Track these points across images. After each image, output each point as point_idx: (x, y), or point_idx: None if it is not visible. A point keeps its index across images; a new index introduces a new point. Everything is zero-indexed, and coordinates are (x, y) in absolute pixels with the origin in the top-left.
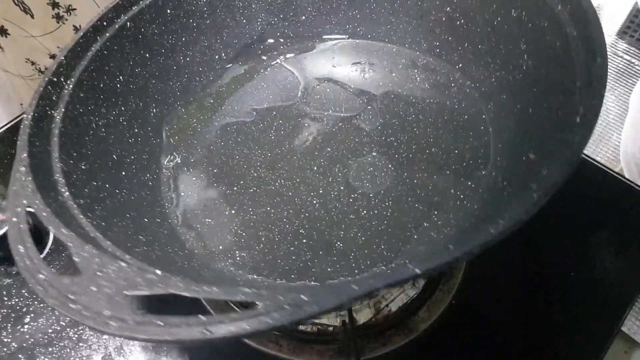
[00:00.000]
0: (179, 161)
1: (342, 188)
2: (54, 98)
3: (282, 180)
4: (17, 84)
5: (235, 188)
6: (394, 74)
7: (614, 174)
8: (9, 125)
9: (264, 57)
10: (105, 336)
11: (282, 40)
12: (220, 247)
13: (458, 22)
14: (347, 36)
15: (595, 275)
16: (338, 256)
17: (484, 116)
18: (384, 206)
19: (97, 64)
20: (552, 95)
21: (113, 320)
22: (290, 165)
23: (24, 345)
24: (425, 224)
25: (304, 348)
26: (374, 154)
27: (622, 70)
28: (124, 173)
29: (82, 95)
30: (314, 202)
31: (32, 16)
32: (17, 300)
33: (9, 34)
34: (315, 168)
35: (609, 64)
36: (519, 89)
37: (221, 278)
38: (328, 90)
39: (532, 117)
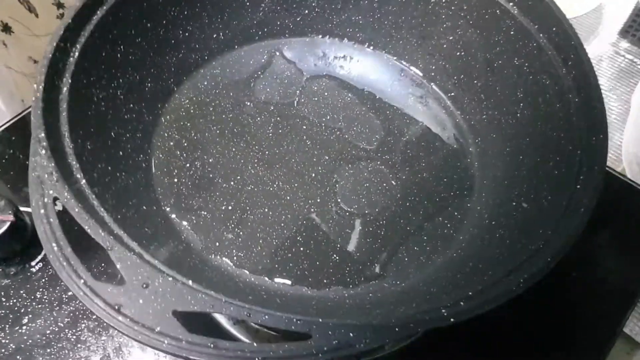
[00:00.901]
0: (172, 144)
1: (339, 200)
2: (60, 66)
3: (280, 183)
4: (19, 80)
5: (232, 183)
6: (389, 89)
7: (616, 174)
8: (12, 122)
9: (262, 44)
10: (103, 337)
11: (281, 30)
12: (217, 244)
13: (458, 53)
14: (346, 39)
15: (597, 276)
16: (334, 268)
17: (470, 149)
18: (379, 224)
19: (102, 30)
20: (547, 152)
21: (165, 337)
22: (288, 167)
23: (22, 346)
24: (415, 248)
25: None
26: (370, 169)
27: (624, 69)
28: (120, 153)
29: (86, 64)
30: (312, 210)
31: (36, 15)
32: (15, 301)
33: (13, 32)
34: (313, 175)
35: (610, 63)
36: (511, 134)
37: (223, 278)
38: (326, 93)
39: (522, 165)
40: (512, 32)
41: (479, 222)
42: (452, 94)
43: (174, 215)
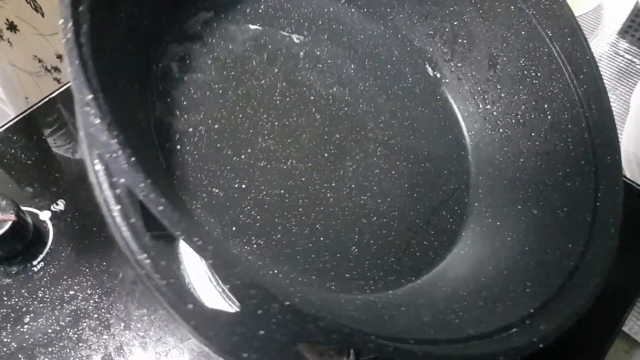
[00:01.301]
0: (169, 101)
1: (353, 186)
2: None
3: (294, 161)
4: (23, 78)
5: (243, 157)
6: (388, 66)
7: None
8: (13, 121)
9: None
10: (105, 336)
11: None
12: (234, 229)
13: (460, 40)
14: (343, 0)
15: None
16: (354, 262)
17: (464, 141)
18: (392, 215)
19: None
20: (554, 162)
21: None
22: (300, 144)
23: (24, 345)
24: (424, 242)
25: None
26: (378, 153)
27: (623, 69)
28: (125, 109)
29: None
30: (328, 195)
31: (42, 15)
32: (16, 300)
33: (18, 30)
34: (325, 155)
35: (609, 63)
36: (509, 134)
37: (245, 269)
38: (330, 61)
39: (524, 168)
40: (522, 32)
41: (480, 219)
42: (447, 80)
43: (183, 191)
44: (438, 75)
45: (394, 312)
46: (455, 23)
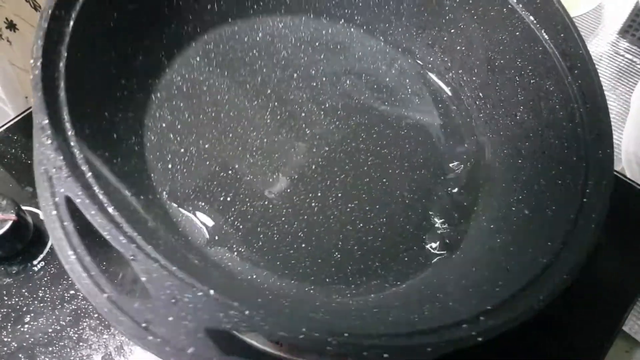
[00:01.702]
0: (164, 125)
1: (339, 195)
2: (55, 38)
3: (280, 174)
4: (23, 78)
5: (230, 172)
6: (387, 78)
7: (615, 174)
8: (14, 121)
9: (257, 19)
10: (105, 336)
11: (277, 5)
12: (216, 238)
13: (458, 47)
14: (342, 20)
15: (596, 275)
16: (336, 267)
17: (466, 146)
18: (379, 222)
19: None
20: (548, 160)
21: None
22: (287, 158)
23: (24, 344)
24: (414, 248)
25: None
26: (369, 162)
27: (624, 69)
28: (115, 135)
29: (81, 34)
30: (312, 204)
31: None
32: (17, 299)
33: (17, 29)
34: (313, 167)
35: (609, 62)
36: (509, 136)
37: (224, 277)
38: (324, 78)
39: (522, 169)
40: (517, 33)
41: (476, 224)
42: (449, 88)
43: (170, 206)
44: (439, 84)
45: (365, 314)
46: (452, 31)
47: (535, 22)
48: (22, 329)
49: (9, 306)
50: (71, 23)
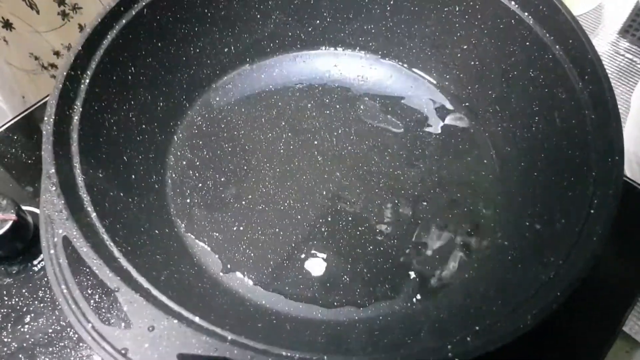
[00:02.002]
0: (185, 163)
1: (350, 219)
2: (71, 95)
3: (291, 201)
4: (19, 77)
5: (243, 203)
6: (403, 101)
7: None
8: (14, 121)
9: (274, 57)
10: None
11: (293, 42)
12: (229, 266)
13: (472, 63)
14: (358, 49)
15: (597, 275)
16: (344, 290)
17: (485, 161)
18: (390, 244)
19: (112, 54)
20: (562, 171)
21: None
22: (299, 185)
23: (24, 345)
24: (427, 267)
25: None
26: (381, 185)
27: (624, 69)
28: (133, 177)
29: (97, 90)
30: (323, 230)
31: (37, 12)
32: (17, 300)
33: (14, 28)
34: (324, 193)
35: (610, 62)
36: (526, 148)
37: (234, 303)
38: (338, 106)
39: (537, 182)
40: (527, 43)
41: (491, 239)
42: (467, 104)
43: (187, 237)
44: (455, 101)
45: (364, 336)
46: (465, 47)
47: (543, 30)
48: (22, 329)
49: (9, 306)
50: (87, 81)
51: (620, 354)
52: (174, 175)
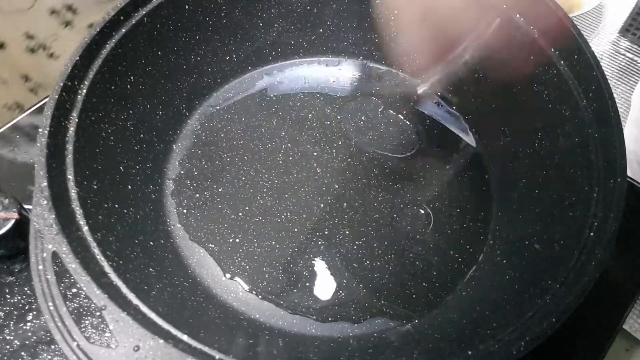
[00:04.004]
0: (182, 172)
1: (347, 232)
2: (67, 106)
3: (288, 214)
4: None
5: (240, 214)
6: (405, 111)
7: None
8: (15, 120)
9: (275, 65)
10: (107, 334)
11: (295, 50)
12: (223, 279)
13: (477, 75)
14: (361, 58)
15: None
16: (339, 305)
17: (486, 176)
18: (386, 259)
19: (111, 63)
20: (563, 190)
21: None
22: (297, 197)
23: (27, 342)
24: (424, 284)
25: None
26: (380, 198)
27: (624, 68)
28: (129, 187)
29: (94, 100)
30: (319, 243)
31: None
32: (19, 297)
33: None
34: (322, 206)
35: (610, 62)
36: (527, 164)
37: (227, 317)
38: (339, 117)
39: (538, 200)
40: (532, 57)
41: (491, 258)
42: (470, 117)
43: (182, 248)
44: (458, 114)
45: (356, 354)
46: (468, 58)
47: (549, 44)
48: (24, 327)
49: (11, 304)
50: (84, 91)
51: (621, 352)
52: (171, 185)
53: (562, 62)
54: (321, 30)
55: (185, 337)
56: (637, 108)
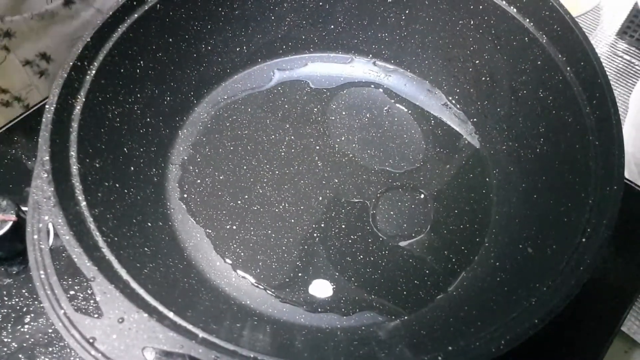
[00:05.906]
0: (186, 158)
1: (343, 227)
2: (75, 85)
3: (286, 205)
4: None
5: (239, 202)
6: (409, 111)
7: None
8: (15, 121)
9: (285, 59)
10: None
11: (305, 44)
12: (217, 264)
13: (483, 78)
14: (370, 56)
15: (595, 275)
16: (330, 297)
17: (487, 179)
18: (381, 254)
19: (122, 47)
20: (560, 196)
21: None
22: (296, 189)
23: (24, 345)
24: (415, 282)
25: None
26: (378, 194)
27: (622, 70)
28: (132, 168)
29: (102, 81)
30: (315, 235)
31: None
32: (17, 300)
33: None
34: (320, 199)
35: (608, 64)
36: (529, 169)
37: (217, 301)
38: (344, 112)
39: (536, 205)
40: (539, 62)
41: (485, 260)
42: (475, 119)
43: (180, 231)
44: (463, 115)
45: (342, 345)
46: (477, 62)
47: (556, 50)
48: (22, 329)
49: (9, 306)
50: (93, 72)
51: (619, 353)
52: (174, 170)
53: (568, 68)
54: (332, 26)
55: (171, 315)
56: (635, 110)
